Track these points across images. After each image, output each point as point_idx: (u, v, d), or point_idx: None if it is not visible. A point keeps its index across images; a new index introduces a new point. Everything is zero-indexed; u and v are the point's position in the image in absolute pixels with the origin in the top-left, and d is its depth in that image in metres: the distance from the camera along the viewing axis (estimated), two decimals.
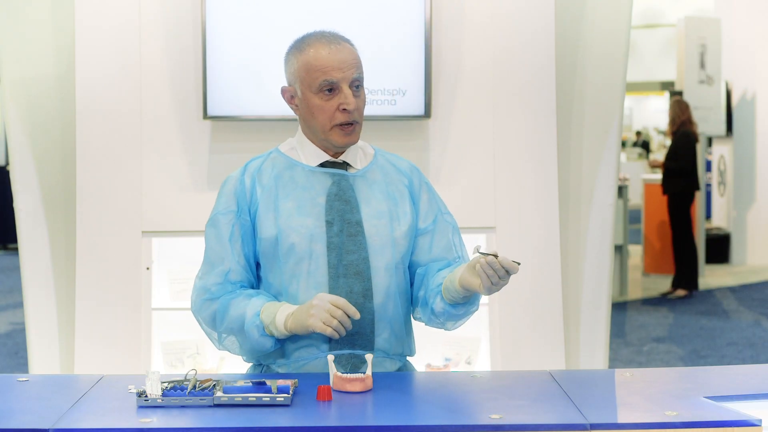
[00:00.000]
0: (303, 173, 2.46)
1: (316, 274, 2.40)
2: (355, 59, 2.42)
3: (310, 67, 2.39)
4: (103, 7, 3.66)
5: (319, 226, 2.41)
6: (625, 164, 14.75)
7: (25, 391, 2.25)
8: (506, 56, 3.76)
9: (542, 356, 3.73)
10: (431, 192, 2.57)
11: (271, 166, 2.49)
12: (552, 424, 1.95)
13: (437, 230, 2.52)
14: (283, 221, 2.42)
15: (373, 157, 2.54)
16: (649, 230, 9.93)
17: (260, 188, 2.46)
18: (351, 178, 2.47)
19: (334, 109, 2.39)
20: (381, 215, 2.45)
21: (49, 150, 3.73)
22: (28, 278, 3.73)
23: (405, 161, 2.59)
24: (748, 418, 1.95)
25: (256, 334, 2.36)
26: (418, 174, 2.57)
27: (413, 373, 2.41)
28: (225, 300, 2.42)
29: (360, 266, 2.41)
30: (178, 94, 3.71)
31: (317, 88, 2.39)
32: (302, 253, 2.40)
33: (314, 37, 2.43)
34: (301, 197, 2.43)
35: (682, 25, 9.88)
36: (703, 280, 9.59)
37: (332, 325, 2.26)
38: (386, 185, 2.50)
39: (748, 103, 10.90)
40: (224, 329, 2.43)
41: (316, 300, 2.30)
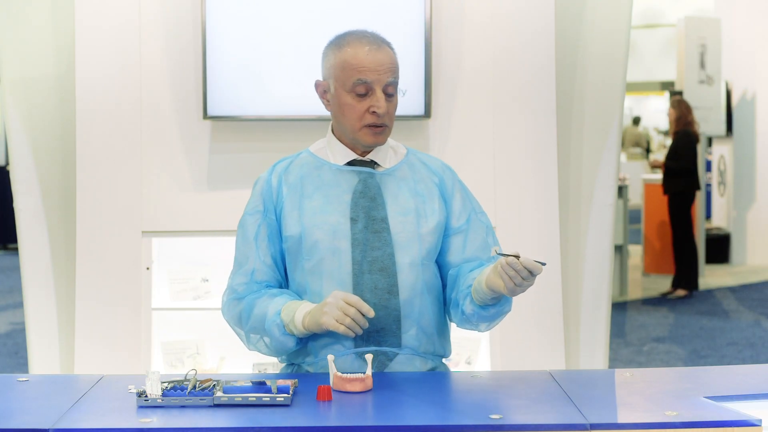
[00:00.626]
0: (330, 172, 2.47)
1: (340, 270, 2.40)
2: (392, 63, 2.42)
3: (346, 65, 2.39)
4: (103, 7, 3.66)
5: (343, 223, 2.42)
6: (625, 164, 14.75)
7: (25, 391, 2.25)
8: (506, 56, 3.76)
9: (542, 356, 3.73)
10: (465, 191, 2.56)
11: (299, 166, 2.50)
12: (552, 424, 1.95)
13: (471, 229, 2.51)
14: (308, 219, 2.42)
15: (404, 156, 2.53)
16: (649, 230, 9.93)
17: (286, 187, 2.47)
18: (378, 176, 2.46)
19: (365, 110, 2.39)
20: (407, 212, 2.45)
21: (49, 150, 3.73)
22: (28, 278, 3.73)
23: (437, 161, 2.58)
24: (748, 418, 1.95)
25: (277, 333, 2.37)
26: (451, 173, 2.56)
27: (413, 373, 2.40)
28: (250, 299, 2.43)
29: (385, 262, 2.41)
30: (178, 94, 3.71)
31: (350, 87, 2.39)
32: (326, 250, 2.41)
33: (355, 36, 2.43)
34: (326, 195, 2.44)
35: (682, 25, 9.88)
36: (703, 280, 9.58)
37: (345, 323, 2.26)
38: (415, 183, 2.49)
39: (748, 103, 10.90)
40: (249, 329, 2.44)
41: (330, 298, 2.30)
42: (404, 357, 2.42)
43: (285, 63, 3.66)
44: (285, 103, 3.67)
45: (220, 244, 3.89)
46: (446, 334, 2.55)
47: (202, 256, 3.87)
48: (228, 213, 3.73)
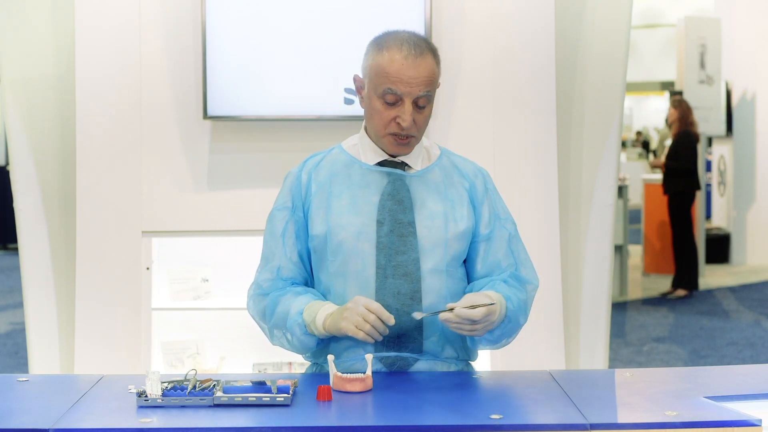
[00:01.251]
0: (360, 171, 2.44)
1: (363, 273, 2.38)
2: (428, 75, 2.35)
3: (380, 71, 2.34)
4: (103, 7, 3.66)
5: (369, 225, 2.39)
6: (625, 164, 14.75)
7: (25, 391, 2.25)
8: (506, 56, 3.76)
9: (542, 356, 3.73)
10: (494, 197, 2.52)
11: (330, 163, 2.47)
12: (552, 424, 1.95)
13: (494, 238, 2.48)
14: (334, 219, 2.40)
15: (437, 158, 2.50)
16: (649, 230, 9.93)
17: (315, 185, 2.44)
18: (408, 179, 2.43)
19: (391, 118, 2.36)
20: (435, 216, 2.42)
21: (49, 150, 3.73)
22: (28, 278, 3.73)
23: (471, 164, 2.54)
24: (748, 418, 1.95)
25: (298, 332, 2.35)
26: (483, 178, 2.52)
27: (413, 374, 2.40)
28: (274, 296, 2.41)
29: (409, 267, 2.38)
30: (178, 94, 3.71)
31: (381, 93, 2.35)
32: (350, 252, 2.38)
33: (396, 40, 2.36)
34: (355, 195, 2.42)
35: (682, 25, 9.88)
36: (703, 280, 9.59)
37: (365, 329, 2.24)
38: (445, 187, 2.46)
39: (748, 103, 10.90)
40: (272, 325, 2.42)
41: (351, 303, 2.27)
42: (425, 362, 2.41)
43: (285, 63, 3.66)
44: (285, 103, 3.67)
45: (220, 244, 3.90)
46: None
47: (202, 256, 3.88)
48: (228, 213, 3.73)
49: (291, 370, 3.81)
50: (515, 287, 2.44)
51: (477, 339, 2.40)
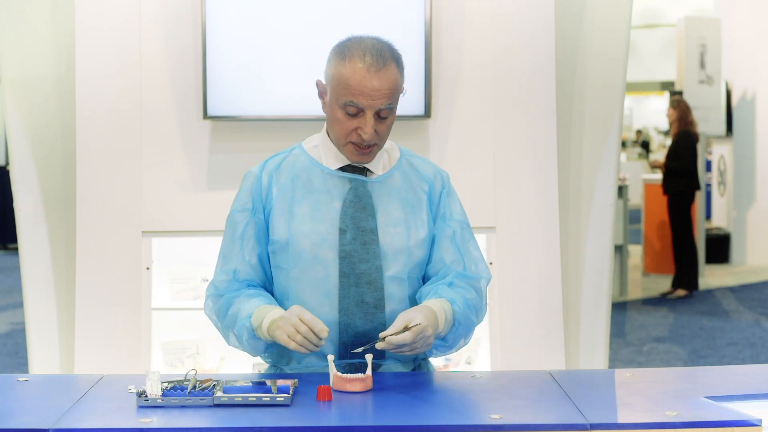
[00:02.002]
0: (321, 176, 2.42)
1: (326, 282, 2.37)
2: (390, 87, 2.32)
3: (342, 82, 2.31)
4: (103, 7, 3.66)
5: (331, 233, 2.38)
6: (625, 164, 14.75)
7: (25, 391, 2.25)
8: (506, 56, 3.76)
9: (542, 356, 3.73)
10: (448, 198, 2.50)
11: (290, 166, 2.45)
12: (552, 424, 1.95)
13: (438, 237, 2.46)
14: (296, 226, 2.38)
15: (397, 161, 2.48)
16: (649, 230, 9.93)
17: (276, 188, 2.42)
18: (369, 184, 2.42)
19: (352, 129, 2.34)
20: (397, 223, 2.41)
21: (49, 150, 3.73)
22: (28, 278, 3.73)
23: (431, 166, 2.53)
24: (748, 418, 1.95)
25: (245, 336, 2.34)
26: (442, 179, 2.51)
27: (413, 374, 2.40)
28: (228, 297, 2.41)
29: (372, 275, 2.37)
30: (178, 94, 3.71)
31: (342, 104, 2.32)
32: (312, 260, 2.37)
33: (358, 50, 2.32)
34: (316, 201, 2.40)
35: (682, 25, 9.88)
36: (703, 280, 9.59)
37: (296, 339, 2.21)
38: (406, 191, 2.44)
39: (748, 103, 10.90)
40: (225, 326, 2.42)
41: (287, 312, 2.26)
42: (388, 365, 2.41)
43: (285, 63, 3.66)
44: (285, 103, 3.67)
45: (220, 244, 3.89)
46: None
47: (202, 256, 3.87)
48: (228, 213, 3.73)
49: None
50: (461, 287, 2.41)
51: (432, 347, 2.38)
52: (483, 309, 2.47)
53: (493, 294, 3.77)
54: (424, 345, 2.26)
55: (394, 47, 2.39)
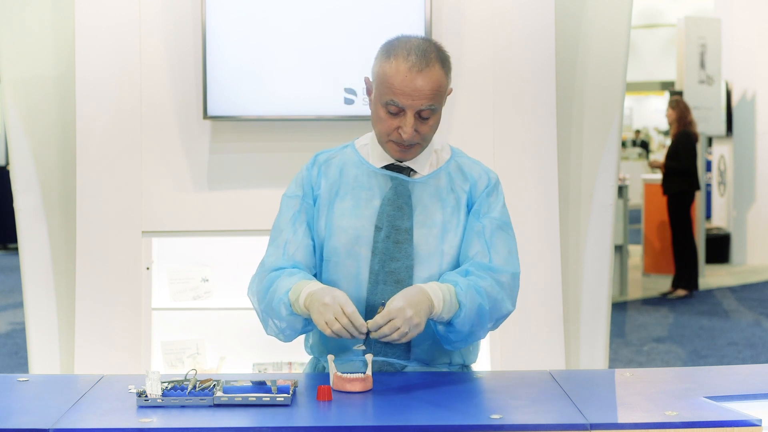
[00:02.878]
0: (366, 173, 2.43)
1: (357, 277, 2.38)
2: (433, 88, 2.30)
3: (385, 80, 2.31)
4: (103, 7, 3.66)
5: (368, 230, 2.38)
6: (625, 164, 14.75)
7: (25, 391, 2.25)
8: (506, 56, 3.76)
9: (542, 356, 3.73)
10: (488, 198, 2.44)
11: (340, 161, 2.46)
12: (552, 424, 1.95)
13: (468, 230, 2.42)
14: (335, 220, 2.40)
15: (445, 162, 2.46)
16: (649, 230, 9.93)
17: (325, 180, 2.44)
18: (411, 184, 2.41)
19: (394, 128, 2.33)
20: (434, 225, 2.40)
21: (49, 150, 3.73)
22: (28, 278, 3.73)
23: (479, 167, 2.48)
24: (748, 418, 1.95)
25: (284, 312, 2.30)
26: (488, 179, 2.46)
27: (413, 374, 2.40)
28: (271, 277, 2.36)
29: (402, 275, 2.36)
30: (178, 94, 3.71)
31: (384, 103, 2.32)
32: (346, 254, 2.38)
33: (404, 49, 2.31)
34: (357, 197, 2.41)
35: (682, 25, 9.88)
36: (703, 280, 9.59)
37: (333, 328, 2.19)
38: (447, 193, 2.43)
39: (748, 103, 10.90)
40: (265, 308, 2.36)
41: (329, 298, 2.21)
42: (413, 368, 2.40)
43: (285, 63, 3.66)
44: (285, 103, 3.67)
45: (220, 244, 3.90)
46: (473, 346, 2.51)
47: (202, 256, 3.88)
48: (228, 213, 3.73)
49: (291, 370, 3.81)
50: (476, 275, 2.35)
51: (445, 338, 2.34)
52: (505, 301, 2.37)
53: None
54: (412, 327, 2.20)
55: (442, 48, 2.38)
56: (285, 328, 2.35)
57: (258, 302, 2.40)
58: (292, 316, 2.30)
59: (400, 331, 2.18)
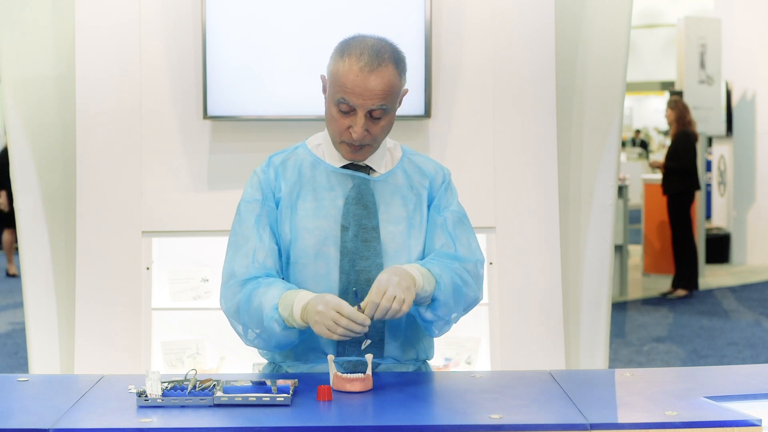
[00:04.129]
0: (325, 173, 2.43)
1: (328, 277, 2.37)
2: (384, 89, 2.29)
3: (337, 79, 2.31)
4: (103, 7, 3.66)
5: (334, 230, 2.39)
6: (625, 164, 14.75)
7: (25, 391, 2.25)
8: (506, 56, 3.77)
9: (542, 356, 3.73)
10: (446, 193, 2.49)
11: (295, 162, 2.46)
12: (552, 424, 1.95)
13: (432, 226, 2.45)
14: (300, 221, 2.39)
15: (399, 159, 2.48)
16: (649, 230, 9.93)
17: (284, 183, 2.43)
18: (372, 183, 2.42)
19: (345, 127, 2.34)
20: (399, 221, 2.41)
21: (49, 150, 3.73)
22: (28, 278, 3.73)
23: (432, 163, 2.52)
24: (748, 418, 1.95)
25: (277, 329, 2.28)
26: (443, 175, 2.50)
27: (413, 373, 2.40)
28: (247, 291, 2.34)
29: (372, 273, 2.37)
30: (178, 94, 3.71)
31: (336, 101, 2.32)
32: (315, 255, 2.38)
33: (356, 49, 2.31)
34: (320, 198, 2.40)
35: (682, 25, 9.88)
36: (703, 280, 9.59)
37: (338, 332, 2.18)
38: (407, 190, 2.45)
39: (748, 103, 10.90)
40: (246, 323, 2.34)
41: (321, 305, 2.20)
42: (387, 365, 2.40)
43: (285, 63, 3.66)
44: (285, 103, 3.67)
45: (220, 244, 3.88)
46: (431, 338, 2.52)
47: (202, 256, 3.87)
48: (228, 213, 3.72)
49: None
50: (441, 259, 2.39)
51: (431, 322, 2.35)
52: (474, 287, 2.41)
53: (493, 294, 3.77)
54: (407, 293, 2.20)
55: (397, 49, 2.37)
56: (279, 341, 2.33)
57: (237, 315, 2.36)
58: (287, 330, 2.29)
59: (397, 298, 2.19)
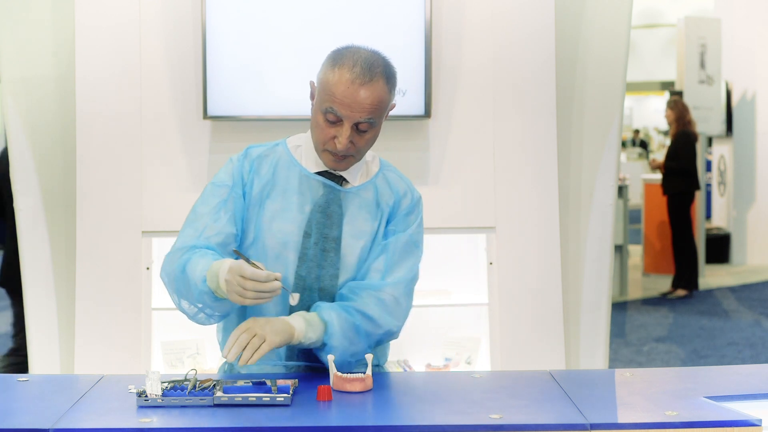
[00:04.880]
0: (298, 177, 2.43)
1: (284, 282, 2.36)
2: (373, 102, 2.29)
3: (327, 88, 2.31)
4: (103, 7, 3.66)
5: (296, 235, 2.39)
6: (625, 164, 14.75)
7: (25, 391, 2.25)
8: (506, 56, 3.77)
9: (542, 356, 3.73)
10: (407, 217, 2.45)
11: (272, 160, 2.45)
12: (552, 424, 1.95)
13: (377, 246, 2.42)
14: (264, 222, 2.39)
15: (374, 174, 2.47)
16: (649, 230, 9.93)
17: (257, 178, 2.42)
18: (342, 194, 2.42)
19: (330, 137, 2.33)
20: (361, 235, 2.41)
21: (49, 150, 3.73)
22: (28, 278, 3.73)
23: (405, 184, 2.49)
24: (748, 418, 1.95)
25: (208, 301, 2.25)
26: (411, 199, 2.47)
27: (413, 373, 2.40)
28: (183, 259, 2.30)
29: (326, 282, 2.39)
30: (178, 94, 3.71)
31: (323, 110, 2.32)
32: (274, 257, 2.38)
33: (349, 60, 2.31)
34: (288, 201, 2.40)
35: (682, 25, 9.88)
36: (703, 280, 9.59)
37: (249, 296, 2.14)
38: (375, 206, 2.44)
39: (748, 103, 10.90)
40: (183, 292, 2.31)
41: (227, 275, 2.16)
42: (305, 375, 2.38)
43: (285, 63, 3.66)
44: (285, 103, 3.67)
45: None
46: (383, 347, 2.51)
47: None
48: None
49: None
50: (348, 297, 2.35)
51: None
52: (387, 319, 2.36)
53: (493, 294, 3.77)
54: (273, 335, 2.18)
55: (390, 64, 2.37)
56: (214, 314, 2.31)
57: (172, 285, 2.33)
58: (217, 302, 2.26)
59: (258, 335, 2.16)
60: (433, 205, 3.76)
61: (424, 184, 3.74)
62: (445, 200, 3.77)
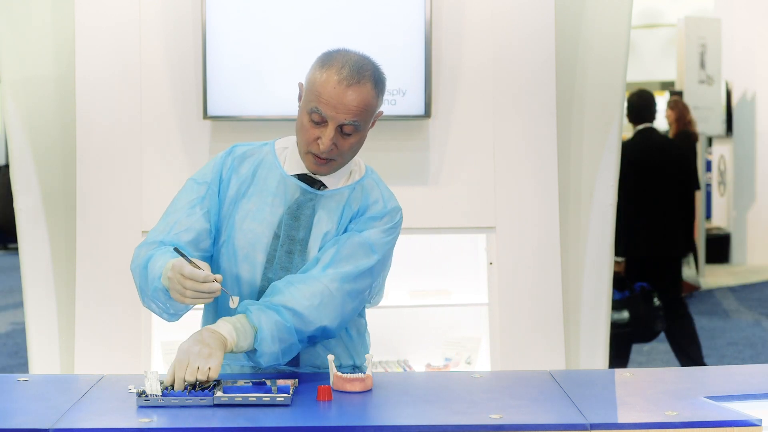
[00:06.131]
0: (277, 178, 2.41)
1: (251, 282, 2.37)
2: (359, 105, 2.27)
3: (314, 88, 2.30)
4: (103, 7, 3.66)
5: (266, 236, 2.38)
6: None
7: (25, 391, 2.25)
8: (506, 56, 3.77)
9: (542, 356, 3.73)
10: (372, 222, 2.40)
11: (255, 160, 2.44)
12: (552, 424, 1.95)
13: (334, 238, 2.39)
14: (237, 222, 2.39)
15: (355, 182, 2.44)
16: None
17: (235, 177, 2.42)
18: (316, 197, 2.40)
19: (314, 138, 2.31)
20: (326, 238, 2.38)
21: (49, 150, 3.73)
22: (28, 278, 3.73)
23: (380, 195, 2.43)
24: (748, 418, 1.95)
25: (163, 298, 2.26)
26: (382, 207, 2.41)
27: (413, 373, 2.40)
28: (148, 256, 2.31)
29: None
30: (178, 94, 3.71)
31: (309, 110, 2.31)
32: (243, 257, 2.37)
33: (338, 62, 2.30)
34: (263, 202, 2.39)
35: (682, 25, 9.88)
36: (703, 280, 9.58)
37: (189, 296, 2.15)
38: (347, 212, 2.41)
39: (748, 103, 10.90)
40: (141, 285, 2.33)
41: (169, 272, 2.17)
42: (307, 375, 2.36)
43: (285, 63, 3.66)
44: (285, 103, 3.67)
45: None
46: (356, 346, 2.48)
47: None
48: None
49: None
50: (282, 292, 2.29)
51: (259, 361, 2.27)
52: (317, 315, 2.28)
53: (493, 294, 3.77)
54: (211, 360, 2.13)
55: (379, 69, 2.35)
56: (168, 310, 2.31)
57: (136, 280, 2.35)
58: (171, 300, 2.25)
59: (201, 370, 2.11)
60: (433, 205, 3.76)
61: (424, 184, 3.74)
62: (445, 200, 3.77)
